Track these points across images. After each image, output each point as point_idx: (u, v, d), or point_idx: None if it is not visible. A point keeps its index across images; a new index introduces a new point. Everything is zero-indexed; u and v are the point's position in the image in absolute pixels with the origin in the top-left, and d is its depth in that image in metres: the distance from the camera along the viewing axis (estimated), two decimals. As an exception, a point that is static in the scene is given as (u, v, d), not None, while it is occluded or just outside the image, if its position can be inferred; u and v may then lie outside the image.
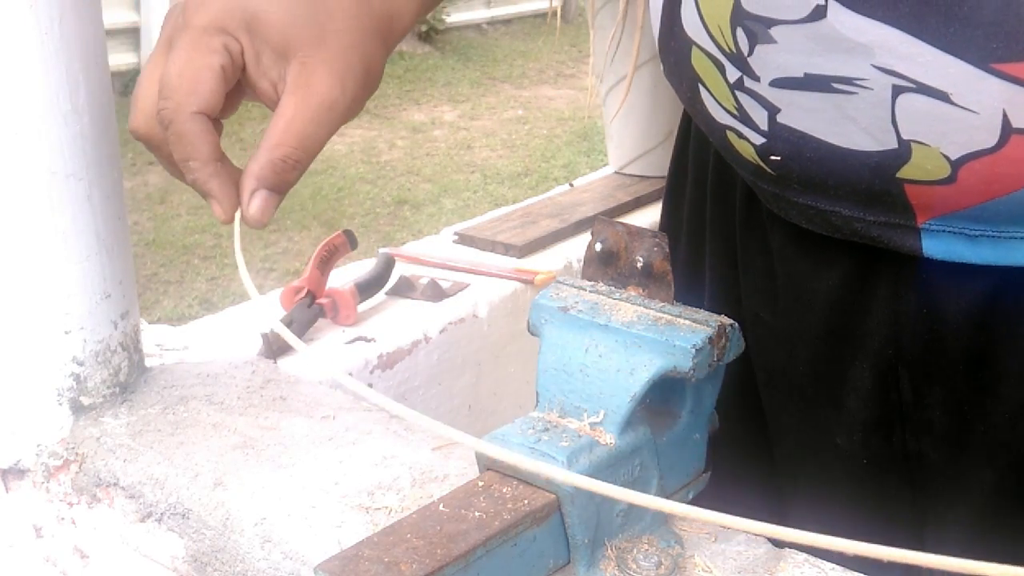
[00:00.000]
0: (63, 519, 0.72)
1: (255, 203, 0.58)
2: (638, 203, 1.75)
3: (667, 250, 0.56)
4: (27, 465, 0.73)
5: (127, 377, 0.75)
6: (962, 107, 0.54)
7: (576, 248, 1.57)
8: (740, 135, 0.65)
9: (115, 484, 0.69)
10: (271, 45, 0.57)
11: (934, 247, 0.61)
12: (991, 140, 0.54)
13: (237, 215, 0.59)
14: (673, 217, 0.85)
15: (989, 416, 0.64)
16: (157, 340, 0.84)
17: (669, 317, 0.54)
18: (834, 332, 0.68)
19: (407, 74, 6.82)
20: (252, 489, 0.64)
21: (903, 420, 0.67)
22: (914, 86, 0.55)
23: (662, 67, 0.74)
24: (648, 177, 1.82)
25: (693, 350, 0.52)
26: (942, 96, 0.54)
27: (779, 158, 0.63)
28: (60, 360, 0.71)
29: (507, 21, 8.47)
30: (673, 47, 0.68)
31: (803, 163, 0.62)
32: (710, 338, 0.53)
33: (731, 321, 0.55)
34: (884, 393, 0.67)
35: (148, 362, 0.79)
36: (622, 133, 1.87)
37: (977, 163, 0.56)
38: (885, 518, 0.71)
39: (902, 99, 0.56)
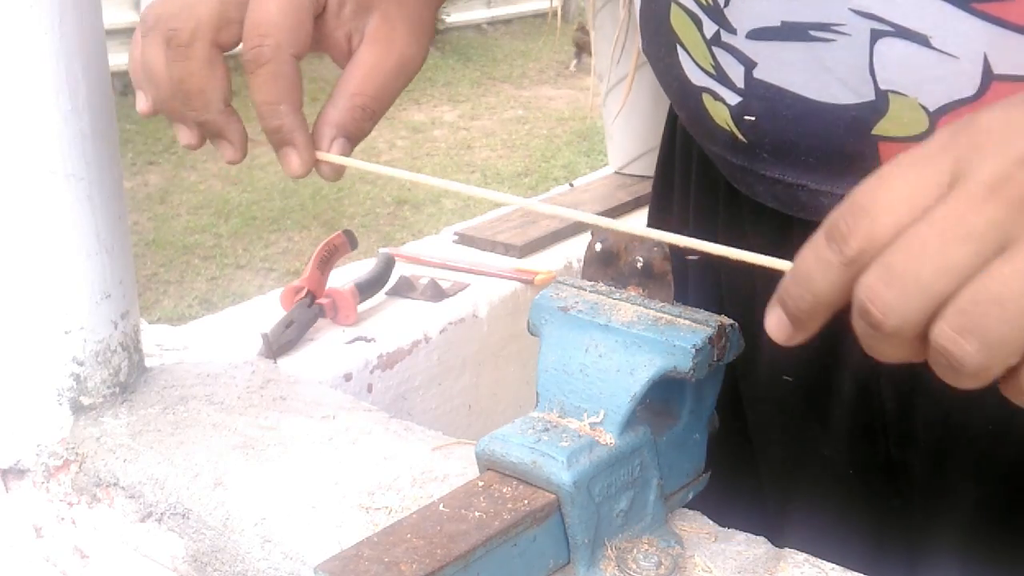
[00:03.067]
0: (63, 519, 0.72)
1: (335, 150, 0.57)
2: (638, 203, 1.75)
3: (667, 250, 0.56)
4: (27, 465, 0.73)
5: (127, 377, 0.75)
6: (942, 51, 0.52)
7: (576, 248, 1.57)
8: (716, 96, 0.64)
9: (115, 484, 0.68)
10: None
11: None
12: (971, 87, 0.52)
13: (329, 150, 0.58)
14: (659, 218, 0.85)
15: (973, 430, 0.63)
16: (157, 340, 0.84)
17: (669, 317, 0.54)
18: (818, 342, 0.68)
19: (407, 74, 6.80)
20: (252, 489, 0.64)
21: (886, 430, 0.67)
22: (893, 30, 0.53)
23: (641, 41, 0.74)
24: (648, 177, 1.81)
25: (693, 350, 0.52)
26: (922, 40, 0.52)
27: (753, 118, 0.62)
28: (60, 360, 0.71)
29: (507, 21, 8.47)
30: (654, 11, 0.68)
31: (777, 123, 0.61)
32: (710, 338, 0.53)
33: (731, 321, 0.55)
34: (867, 403, 0.67)
35: (148, 362, 0.79)
36: (622, 133, 1.87)
37: (956, 114, 0.54)
38: (875, 527, 0.71)
39: (880, 44, 0.54)
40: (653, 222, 0.87)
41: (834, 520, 0.72)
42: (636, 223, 0.55)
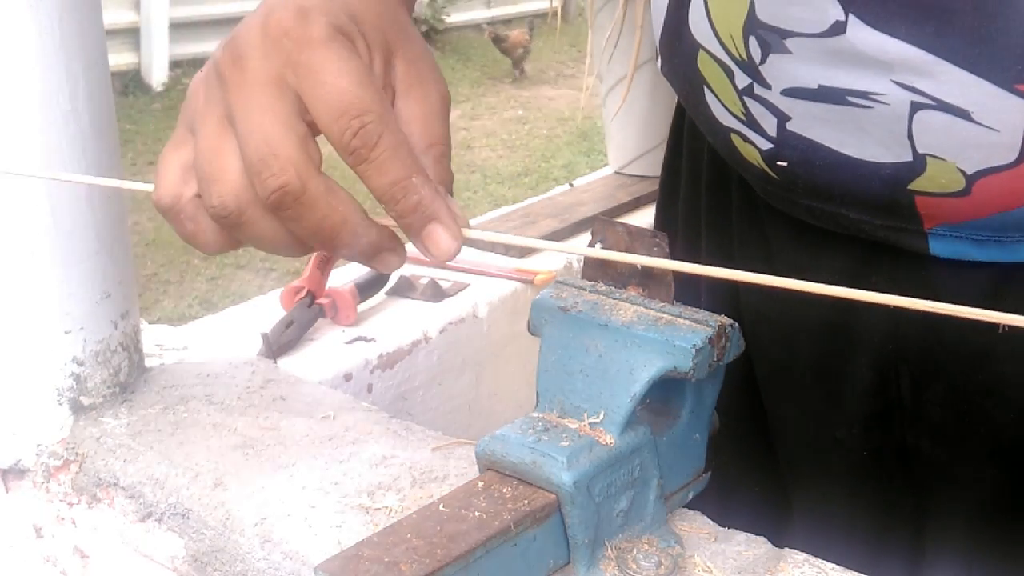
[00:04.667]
0: (63, 519, 0.72)
1: (456, 210, 0.49)
2: (638, 203, 1.75)
3: (667, 250, 0.56)
4: (27, 465, 0.73)
5: (127, 377, 0.75)
6: (982, 125, 0.53)
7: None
8: (746, 139, 0.64)
9: (115, 484, 0.68)
10: (373, 46, 0.50)
11: (940, 248, 0.61)
12: (1010, 156, 0.54)
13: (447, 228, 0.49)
14: (667, 214, 0.85)
15: (992, 417, 0.64)
16: (157, 340, 0.84)
17: (669, 317, 0.54)
18: (834, 327, 0.68)
19: (407, 74, 6.80)
20: (252, 489, 0.64)
21: (902, 416, 0.67)
22: (933, 103, 0.54)
23: (660, 65, 0.73)
24: (648, 177, 1.82)
25: (693, 350, 0.52)
26: (962, 114, 0.53)
27: (786, 164, 0.62)
28: (60, 360, 0.71)
29: (507, 21, 8.47)
30: (678, 48, 0.67)
31: (811, 170, 0.61)
32: (710, 338, 0.53)
33: (731, 321, 0.55)
34: (883, 388, 0.67)
35: (148, 362, 0.79)
36: (622, 133, 1.87)
37: (994, 178, 0.55)
38: (885, 512, 0.71)
39: (920, 115, 0.55)
40: (660, 218, 0.87)
41: (845, 504, 0.72)
42: (638, 222, 0.55)
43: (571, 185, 1.87)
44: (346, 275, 1.32)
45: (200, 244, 0.51)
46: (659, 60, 0.73)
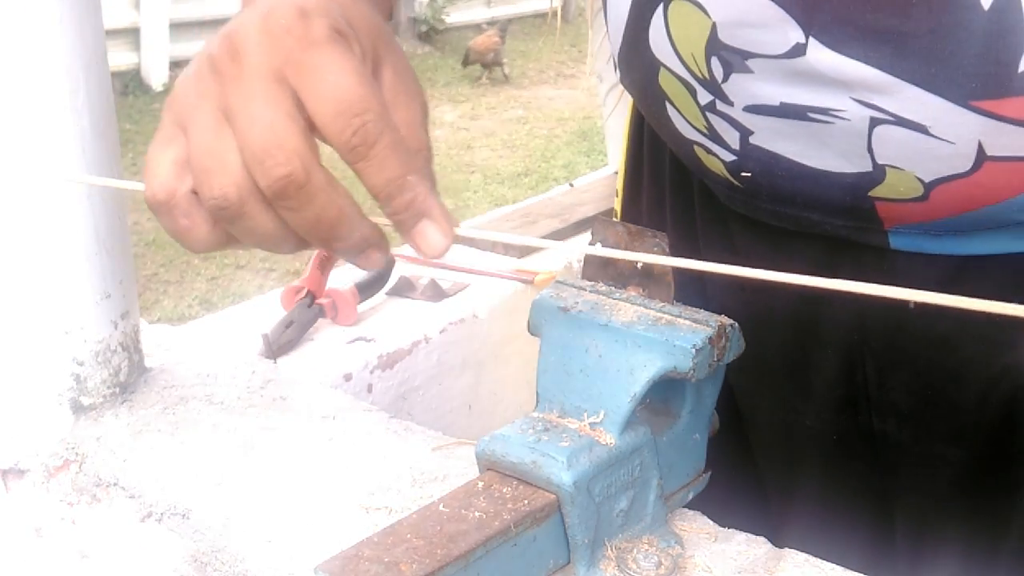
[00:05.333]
0: (63, 519, 0.72)
1: (444, 212, 0.50)
2: (638, 203, 1.75)
3: (667, 250, 0.56)
4: (27, 465, 0.73)
5: (127, 377, 0.75)
6: (939, 138, 0.55)
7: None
8: (709, 151, 0.65)
9: (115, 484, 0.68)
10: (366, 52, 0.50)
11: (901, 242, 0.63)
12: (966, 165, 0.56)
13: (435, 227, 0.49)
14: (631, 210, 0.85)
15: (956, 399, 0.66)
16: (157, 340, 0.84)
17: (669, 317, 0.54)
18: (800, 321, 0.69)
19: (407, 74, 6.80)
20: (252, 489, 0.64)
21: (868, 402, 0.69)
22: (892, 119, 0.56)
23: (620, 77, 0.73)
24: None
25: (693, 350, 0.52)
26: (920, 128, 0.56)
27: (750, 174, 0.64)
28: (60, 360, 0.71)
29: (507, 21, 8.47)
30: (637, 64, 0.68)
31: (774, 180, 0.63)
32: (710, 338, 0.53)
33: (731, 321, 0.55)
34: (850, 376, 0.69)
35: (148, 362, 0.79)
36: (622, 133, 1.87)
37: (951, 185, 0.57)
38: (855, 495, 0.73)
39: (879, 130, 0.57)
40: (625, 213, 0.88)
41: (813, 488, 0.73)
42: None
43: (571, 185, 1.87)
44: (346, 275, 1.32)
45: (192, 240, 0.50)
46: (618, 72, 0.73)
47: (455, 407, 1.34)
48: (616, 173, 1.88)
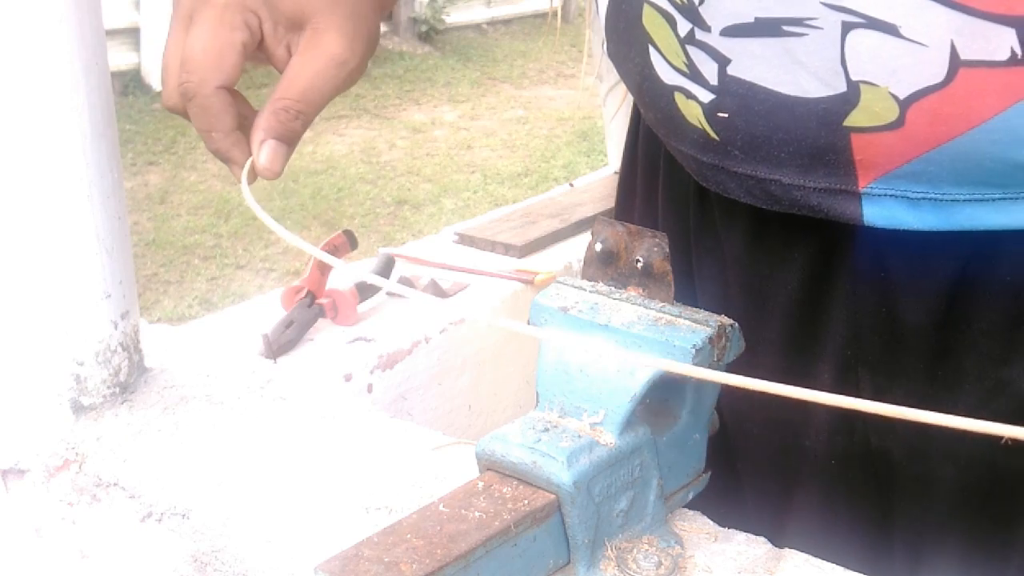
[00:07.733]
0: (63, 519, 0.72)
1: (264, 152, 0.61)
2: (638, 203, 1.75)
3: (667, 250, 0.56)
4: (27, 465, 0.73)
5: (127, 377, 0.75)
6: (911, 40, 0.55)
7: (576, 248, 1.57)
8: (688, 95, 0.65)
9: (115, 484, 0.69)
10: (287, 16, 0.62)
11: (875, 214, 0.62)
12: (940, 74, 0.55)
13: (247, 166, 0.62)
14: (625, 216, 0.86)
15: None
16: (157, 340, 0.84)
17: (669, 317, 0.54)
18: (793, 337, 0.69)
19: (407, 74, 6.82)
20: (252, 489, 0.64)
21: (864, 419, 0.68)
22: (864, 21, 0.55)
23: (607, 47, 0.75)
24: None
25: (693, 350, 0.52)
26: (891, 29, 0.55)
27: (726, 115, 0.63)
28: (60, 360, 0.71)
29: (507, 21, 8.47)
30: (624, 10, 0.69)
31: (750, 119, 0.62)
32: (710, 338, 0.53)
33: (731, 321, 0.55)
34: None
35: (148, 362, 0.79)
36: (622, 133, 1.86)
37: (925, 101, 0.56)
38: (854, 516, 0.72)
39: (852, 36, 0.56)
40: (620, 214, 0.88)
41: (811, 511, 0.72)
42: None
43: (571, 185, 1.87)
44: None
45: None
46: (605, 44, 0.74)
47: (455, 407, 1.34)
48: (616, 173, 1.88)
